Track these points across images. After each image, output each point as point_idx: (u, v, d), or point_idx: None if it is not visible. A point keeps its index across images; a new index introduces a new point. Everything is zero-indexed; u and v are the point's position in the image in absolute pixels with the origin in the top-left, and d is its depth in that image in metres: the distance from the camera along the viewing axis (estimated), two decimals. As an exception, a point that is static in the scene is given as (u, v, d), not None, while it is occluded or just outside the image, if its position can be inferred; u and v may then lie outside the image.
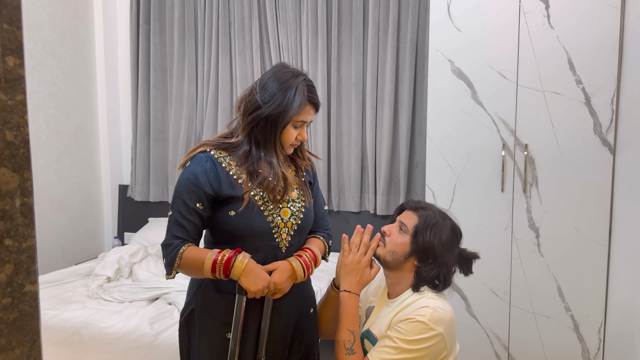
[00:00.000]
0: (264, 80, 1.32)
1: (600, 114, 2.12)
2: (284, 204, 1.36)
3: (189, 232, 1.29)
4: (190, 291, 1.42)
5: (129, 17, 3.46)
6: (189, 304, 1.40)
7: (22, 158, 0.43)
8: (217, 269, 1.24)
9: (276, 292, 1.31)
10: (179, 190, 1.30)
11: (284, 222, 1.35)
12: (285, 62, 3.13)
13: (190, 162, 1.32)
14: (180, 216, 1.28)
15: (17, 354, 0.44)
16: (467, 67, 2.28)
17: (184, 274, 1.30)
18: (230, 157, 1.33)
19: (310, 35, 3.04)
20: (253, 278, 1.25)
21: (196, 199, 1.28)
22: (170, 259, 1.26)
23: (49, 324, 2.05)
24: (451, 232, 1.31)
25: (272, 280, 1.28)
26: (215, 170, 1.30)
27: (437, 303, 1.23)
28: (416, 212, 1.34)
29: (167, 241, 1.28)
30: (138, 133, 3.48)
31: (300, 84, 1.30)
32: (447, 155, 2.35)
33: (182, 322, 1.42)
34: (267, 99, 1.29)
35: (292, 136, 1.34)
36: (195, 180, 1.28)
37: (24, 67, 0.43)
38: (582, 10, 2.11)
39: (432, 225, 1.28)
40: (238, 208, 1.29)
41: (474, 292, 2.33)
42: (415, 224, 1.31)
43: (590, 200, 2.16)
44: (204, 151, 1.33)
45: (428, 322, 1.18)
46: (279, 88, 1.29)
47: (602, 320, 2.19)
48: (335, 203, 3.14)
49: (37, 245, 0.85)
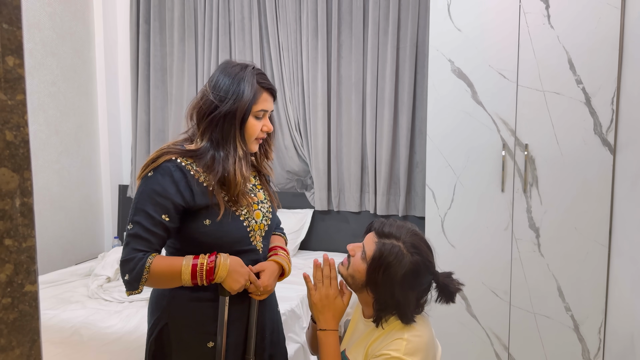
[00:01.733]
0: (214, 81, 1.29)
1: (600, 114, 2.12)
2: (255, 206, 1.34)
3: (152, 244, 1.20)
4: (157, 306, 1.32)
5: (129, 17, 3.46)
6: (159, 319, 1.30)
7: (22, 158, 0.43)
8: (199, 275, 1.19)
9: (263, 293, 1.30)
10: (141, 202, 1.21)
11: (258, 224, 1.34)
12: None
13: (154, 172, 1.23)
14: (143, 229, 1.19)
15: (17, 354, 0.44)
16: (467, 67, 2.28)
17: (151, 286, 1.23)
18: (196, 163, 1.26)
19: (310, 35, 3.04)
20: (236, 277, 1.23)
21: (162, 210, 1.20)
22: (136, 273, 1.17)
23: (49, 324, 2.05)
24: (410, 272, 1.14)
25: (261, 281, 1.28)
26: (185, 180, 1.23)
27: (410, 332, 1.15)
28: (377, 240, 1.19)
29: (128, 256, 1.18)
30: (138, 133, 3.48)
31: (250, 73, 1.28)
32: (447, 155, 2.35)
33: (152, 340, 1.31)
34: (222, 96, 1.25)
35: (256, 128, 1.29)
36: (162, 190, 1.20)
37: (24, 67, 0.43)
38: (582, 10, 2.11)
39: (386, 264, 1.14)
40: (214, 217, 1.24)
41: (474, 292, 2.33)
42: (372, 256, 1.17)
43: (590, 200, 2.16)
44: (170, 159, 1.24)
45: (404, 357, 1.11)
46: (231, 82, 1.26)
47: (602, 320, 2.19)
48: (335, 203, 3.14)
49: (37, 245, 0.85)
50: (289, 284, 2.45)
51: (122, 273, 1.19)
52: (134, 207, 1.21)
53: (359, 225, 3.15)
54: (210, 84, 1.29)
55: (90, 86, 3.42)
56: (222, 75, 1.28)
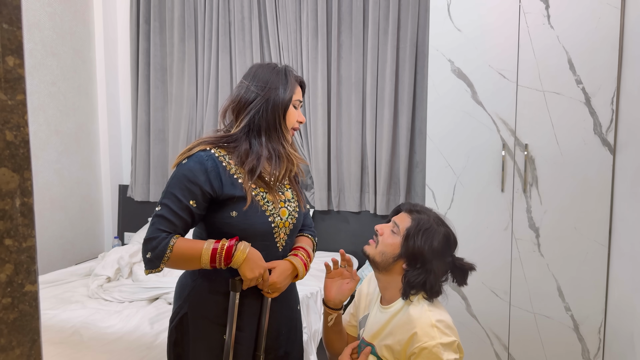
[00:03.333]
0: (251, 76, 1.36)
1: (600, 114, 2.12)
2: (282, 203, 1.37)
3: (177, 227, 1.24)
4: (180, 295, 1.38)
5: (129, 17, 3.46)
6: (180, 308, 1.36)
7: (22, 158, 0.43)
8: (218, 258, 1.23)
9: (274, 290, 1.32)
10: (172, 186, 1.26)
11: (283, 221, 1.36)
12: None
13: (188, 159, 1.28)
14: (170, 212, 1.24)
15: (17, 354, 0.44)
16: (467, 67, 2.28)
17: (171, 267, 1.26)
18: (229, 155, 1.32)
19: (310, 35, 3.04)
20: (252, 265, 1.26)
21: (191, 196, 1.24)
22: (159, 252, 1.21)
23: (49, 324, 2.05)
24: (444, 239, 1.27)
25: (270, 278, 1.30)
26: (216, 170, 1.27)
27: (435, 315, 1.21)
28: (410, 215, 1.31)
29: (152, 235, 1.22)
30: (138, 133, 3.48)
31: (287, 68, 1.37)
32: (447, 155, 2.35)
33: (173, 327, 1.37)
34: (262, 86, 1.32)
35: (294, 117, 1.37)
36: (192, 177, 1.25)
37: (24, 67, 0.43)
38: (582, 10, 2.11)
39: (424, 230, 1.25)
40: (240, 208, 1.28)
41: (474, 292, 2.33)
42: (408, 227, 1.27)
43: (590, 200, 2.16)
44: (204, 149, 1.30)
45: (441, 341, 1.16)
46: (269, 75, 1.34)
47: (602, 320, 2.19)
48: (335, 203, 3.14)
49: (37, 245, 0.85)
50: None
51: (145, 251, 1.23)
52: (165, 191, 1.27)
53: (359, 225, 3.15)
54: (246, 80, 1.36)
55: (90, 86, 3.42)
56: (258, 70, 1.36)
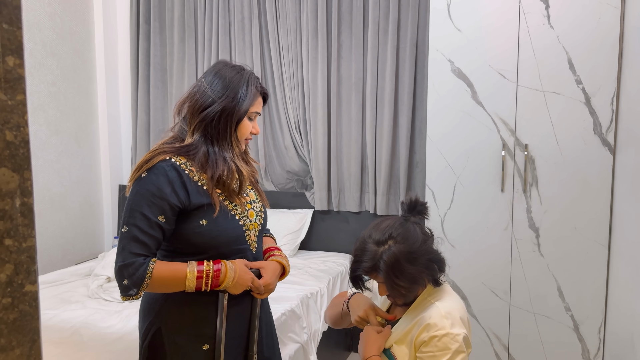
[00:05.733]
0: (211, 77, 1.29)
1: (600, 114, 2.12)
2: (249, 205, 1.35)
3: (150, 247, 1.19)
4: (149, 311, 1.30)
5: (129, 17, 3.46)
6: (151, 324, 1.29)
7: (22, 158, 0.43)
8: (205, 283, 1.20)
9: (266, 291, 1.32)
10: (136, 203, 1.18)
11: (252, 223, 1.35)
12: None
13: (148, 172, 1.21)
14: (140, 232, 1.17)
15: (17, 354, 0.44)
16: (467, 67, 2.28)
17: (151, 291, 1.22)
18: (190, 162, 1.26)
19: (310, 35, 3.04)
20: (241, 283, 1.25)
21: (158, 211, 1.18)
22: (137, 279, 1.15)
23: (49, 324, 2.05)
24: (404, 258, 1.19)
25: (263, 279, 1.30)
26: (180, 179, 1.22)
27: (442, 305, 1.23)
28: (374, 272, 1.21)
29: (127, 260, 1.16)
30: (138, 133, 3.48)
31: (251, 76, 1.31)
32: (447, 155, 2.35)
33: (145, 346, 1.30)
34: (219, 93, 1.26)
35: (248, 129, 1.32)
36: (157, 191, 1.18)
37: (24, 67, 0.43)
38: (582, 10, 2.11)
39: (392, 274, 1.17)
40: (210, 215, 1.23)
41: (474, 292, 2.33)
42: (382, 281, 1.20)
43: (590, 200, 2.16)
44: (164, 159, 1.22)
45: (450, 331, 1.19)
46: (230, 81, 1.27)
47: (602, 320, 2.19)
48: (335, 203, 3.14)
49: (37, 245, 0.85)
50: (289, 284, 2.45)
51: (121, 278, 1.17)
52: (129, 209, 1.19)
53: (359, 225, 3.14)
54: (206, 79, 1.29)
55: (90, 86, 3.42)
56: (219, 73, 1.29)
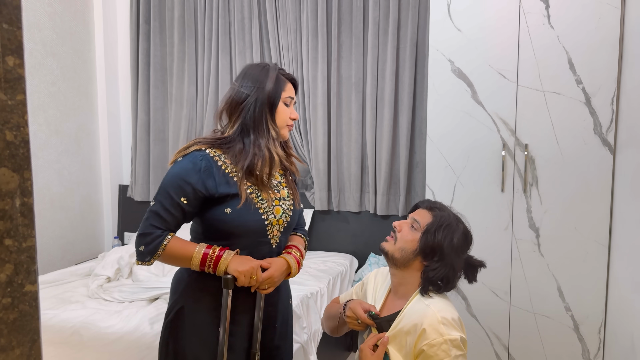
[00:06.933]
0: (241, 77, 1.40)
1: (600, 114, 2.12)
2: (276, 202, 1.41)
3: (169, 224, 1.30)
4: (176, 290, 1.41)
5: (129, 17, 3.46)
6: (176, 302, 1.39)
7: (22, 158, 0.43)
8: (208, 263, 1.29)
9: (270, 285, 1.35)
10: (165, 184, 1.31)
11: (277, 219, 1.40)
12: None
13: (183, 158, 1.33)
14: (162, 208, 1.29)
15: (17, 354, 0.44)
16: (467, 67, 2.28)
17: (162, 262, 1.32)
18: (225, 155, 1.35)
19: (310, 35, 3.04)
20: (241, 261, 1.30)
21: (182, 193, 1.29)
22: (152, 248, 1.27)
23: (49, 324, 2.05)
24: (463, 237, 1.31)
25: (266, 272, 1.33)
26: (210, 170, 1.31)
27: (440, 311, 1.23)
28: (431, 212, 1.33)
29: (146, 230, 1.28)
30: (138, 133, 3.48)
31: (274, 68, 1.40)
32: (447, 155, 2.35)
33: (168, 321, 1.40)
34: (251, 86, 1.36)
35: (286, 114, 1.41)
36: (184, 175, 1.29)
37: (24, 67, 0.43)
38: (582, 10, 2.11)
39: (445, 226, 1.28)
40: (234, 205, 1.31)
41: (474, 292, 2.33)
42: (428, 222, 1.30)
43: (590, 200, 2.16)
44: (199, 149, 1.34)
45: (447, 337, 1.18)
46: (257, 75, 1.38)
47: (602, 320, 2.19)
48: (335, 203, 3.14)
49: (37, 245, 0.85)
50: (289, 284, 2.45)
51: (138, 244, 1.29)
52: (160, 187, 1.32)
53: (359, 225, 3.15)
54: (237, 82, 1.40)
55: (90, 86, 3.42)
56: (248, 72, 1.40)
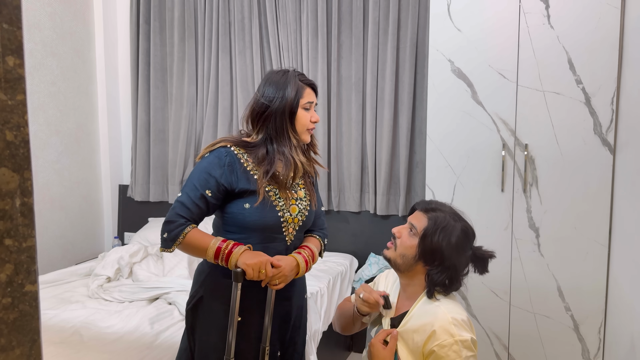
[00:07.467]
0: (262, 88, 1.48)
1: (600, 114, 2.12)
2: (293, 201, 1.49)
3: (193, 214, 1.40)
4: (197, 280, 1.51)
5: (129, 17, 3.46)
6: (196, 292, 1.50)
7: (22, 158, 0.43)
8: (221, 256, 1.37)
9: (281, 280, 1.40)
10: (193, 176, 1.42)
11: (292, 217, 1.48)
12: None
13: (210, 153, 1.45)
14: (188, 199, 1.40)
15: (17, 354, 0.44)
16: (467, 67, 2.28)
17: (181, 251, 1.41)
18: (248, 154, 1.45)
19: (310, 35, 3.04)
20: (251, 255, 1.37)
21: (206, 186, 1.40)
22: (174, 236, 1.38)
23: (49, 324, 2.05)
24: (462, 234, 1.29)
25: (273, 270, 1.37)
26: (233, 166, 1.42)
27: (449, 311, 1.24)
28: (426, 214, 1.33)
29: (171, 218, 1.39)
30: (138, 133, 3.47)
31: (293, 75, 1.47)
32: (447, 155, 2.35)
33: (188, 310, 1.51)
34: (271, 97, 1.44)
35: (306, 118, 1.47)
36: (210, 169, 1.41)
37: (24, 67, 0.43)
38: (582, 10, 2.11)
39: (441, 228, 1.28)
40: (253, 202, 1.41)
41: (474, 292, 2.33)
42: (425, 227, 1.30)
43: (590, 200, 2.16)
44: (225, 146, 1.45)
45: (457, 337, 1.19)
46: (277, 83, 1.45)
47: (602, 320, 2.19)
48: (335, 203, 3.14)
49: (37, 245, 0.85)
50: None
51: (163, 231, 1.40)
52: (187, 179, 1.44)
53: (359, 225, 3.14)
54: (259, 91, 1.48)
55: (90, 86, 3.42)
56: (268, 82, 1.47)
